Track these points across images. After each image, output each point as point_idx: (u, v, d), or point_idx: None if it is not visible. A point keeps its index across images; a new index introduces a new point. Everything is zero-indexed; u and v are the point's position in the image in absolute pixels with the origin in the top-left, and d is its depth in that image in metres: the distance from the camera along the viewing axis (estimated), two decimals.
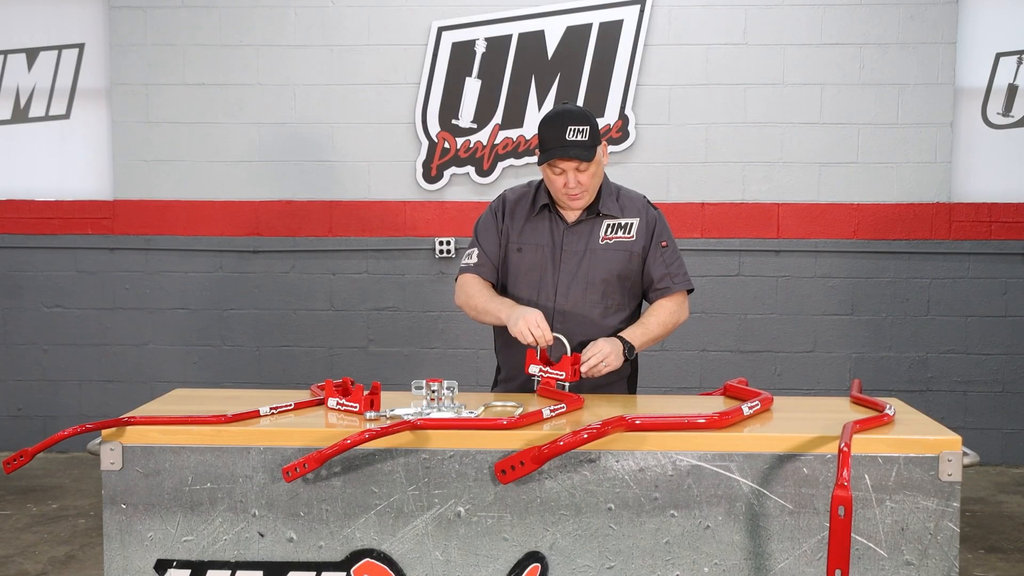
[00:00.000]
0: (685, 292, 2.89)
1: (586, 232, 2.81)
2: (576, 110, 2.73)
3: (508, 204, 2.88)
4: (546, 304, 2.79)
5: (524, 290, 2.83)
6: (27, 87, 5.41)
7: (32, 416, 5.49)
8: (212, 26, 5.28)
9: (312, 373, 5.30)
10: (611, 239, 2.81)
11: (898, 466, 2.10)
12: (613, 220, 2.82)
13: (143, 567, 2.17)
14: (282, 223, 5.35)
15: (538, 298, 2.81)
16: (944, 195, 5.22)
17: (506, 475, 2.04)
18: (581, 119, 2.68)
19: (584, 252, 2.79)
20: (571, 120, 2.67)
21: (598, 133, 2.71)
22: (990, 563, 3.92)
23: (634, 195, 2.90)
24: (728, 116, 5.22)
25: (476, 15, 5.21)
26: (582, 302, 2.79)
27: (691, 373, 5.34)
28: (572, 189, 2.71)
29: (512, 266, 2.84)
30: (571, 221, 2.82)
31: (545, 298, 2.80)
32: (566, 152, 2.65)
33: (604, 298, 2.81)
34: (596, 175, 2.74)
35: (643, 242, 2.83)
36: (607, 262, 2.80)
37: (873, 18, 5.16)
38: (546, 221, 2.83)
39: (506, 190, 2.96)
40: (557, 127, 2.67)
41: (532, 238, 2.83)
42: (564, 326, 2.77)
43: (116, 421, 2.18)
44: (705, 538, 2.13)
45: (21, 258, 5.44)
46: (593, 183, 2.75)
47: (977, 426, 5.29)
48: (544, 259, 2.81)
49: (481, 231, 2.90)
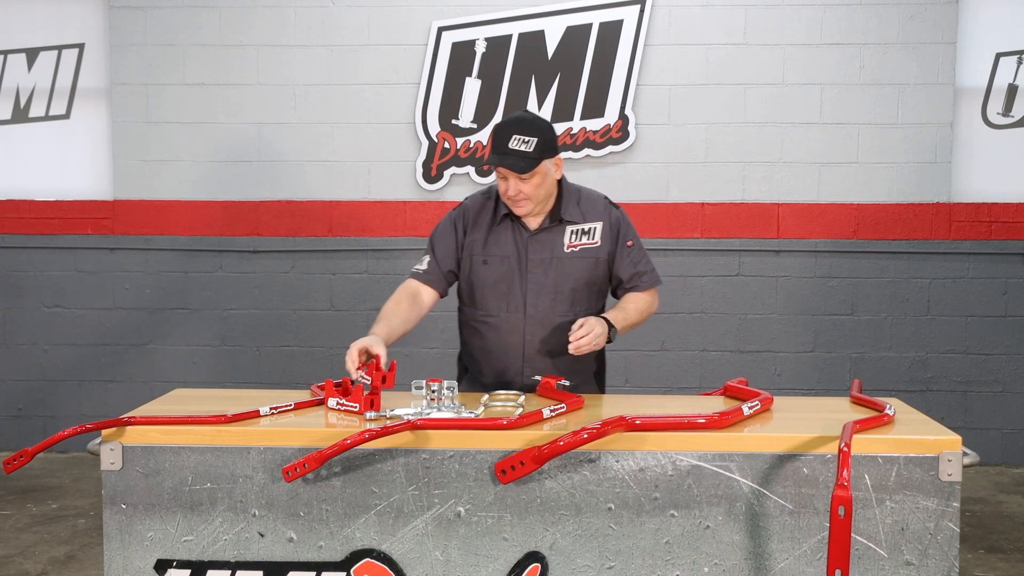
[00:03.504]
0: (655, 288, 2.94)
1: (550, 240, 2.80)
2: (529, 119, 2.70)
3: (470, 214, 2.84)
4: (516, 315, 2.79)
5: (493, 302, 2.82)
6: (27, 87, 5.41)
7: (32, 416, 5.49)
8: (212, 26, 5.28)
9: (312, 373, 5.29)
10: (576, 246, 2.80)
11: (898, 466, 2.10)
12: (576, 226, 2.80)
13: (143, 567, 2.17)
14: (282, 223, 5.35)
15: (507, 309, 2.80)
16: (944, 195, 5.22)
17: (506, 475, 2.04)
18: (530, 129, 2.65)
19: (551, 261, 2.79)
20: (519, 129, 2.65)
21: (549, 146, 2.69)
22: (990, 563, 3.92)
23: (595, 197, 2.88)
24: (728, 116, 5.22)
25: (476, 15, 5.21)
26: (551, 312, 2.80)
27: (691, 373, 5.33)
28: (512, 196, 2.70)
29: (479, 278, 2.82)
30: (533, 228, 2.80)
31: (514, 309, 2.80)
32: (502, 161, 2.64)
33: (574, 306, 2.82)
34: (542, 186, 2.71)
35: (608, 247, 2.84)
36: (575, 271, 2.80)
37: (873, 18, 5.16)
38: (509, 230, 2.80)
39: (466, 199, 2.91)
40: (503, 134, 2.66)
41: (496, 249, 2.80)
42: (535, 336, 2.79)
43: (116, 421, 2.18)
44: (705, 538, 2.13)
45: (21, 258, 5.44)
46: (538, 193, 2.71)
47: (977, 426, 5.29)
48: (510, 270, 2.79)
49: (437, 239, 2.86)
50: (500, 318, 2.80)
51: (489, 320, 2.82)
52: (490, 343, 2.83)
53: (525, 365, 2.81)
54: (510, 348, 2.81)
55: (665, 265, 5.29)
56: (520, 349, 2.80)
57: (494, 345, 2.83)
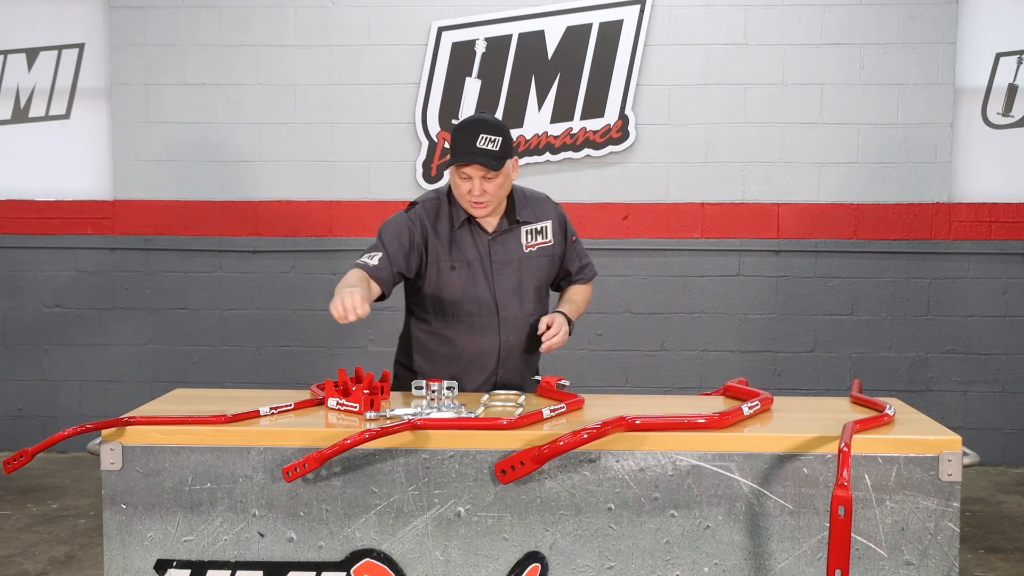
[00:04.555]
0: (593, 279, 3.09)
1: (510, 242, 2.83)
2: (491, 120, 2.72)
3: (428, 223, 2.78)
4: (490, 318, 2.80)
5: (465, 307, 2.80)
6: (27, 87, 5.41)
7: (32, 416, 5.49)
8: (212, 26, 5.28)
9: (312, 373, 5.29)
10: (534, 246, 2.86)
11: (898, 466, 2.10)
12: (530, 226, 2.86)
13: (143, 567, 2.17)
14: (282, 223, 5.35)
15: (480, 313, 2.79)
16: (944, 195, 5.22)
17: (506, 475, 2.04)
18: (494, 129, 2.67)
19: (514, 262, 2.82)
20: (484, 129, 2.66)
21: (511, 147, 2.72)
22: (990, 563, 3.92)
23: (539, 196, 2.96)
24: (728, 116, 5.22)
25: (476, 15, 5.21)
26: (520, 312, 2.83)
27: (691, 373, 5.33)
28: (476, 196, 2.69)
29: (448, 284, 2.78)
30: (492, 231, 2.81)
31: (488, 312, 2.80)
32: (474, 158, 2.64)
33: (537, 304, 2.88)
34: (503, 187, 2.74)
35: (560, 244, 2.92)
36: (537, 270, 2.87)
37: (873, 18, 5.16)
38: (469, 235, 2.79)
39: (417, 206, 2.83)
40: (469, 133, 2.66)
41: (461, 255, 2.79)
42: (509, 337, 2.82)
43: (116, 421, 2.18)
44: (705, 538, 2.13)
45: (21, 258, 5.44)
46: (499, 194, 2.74)
47: (977, 426, 5.29)
48: (476, 274, 2.79)
49: (389, 237, 2.76)
50: (474, 322, 2.79)
51: (461, 326, 2.80)
52: (462, 349, 2.81)
53: (500, 367, 2.83)
54: (486, 352, 2.81)
55: (665, 265, 5.31)
56: (496, 352, 2.82)
57: (466, 351, 2.81)
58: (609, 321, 5.31)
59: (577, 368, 5.25)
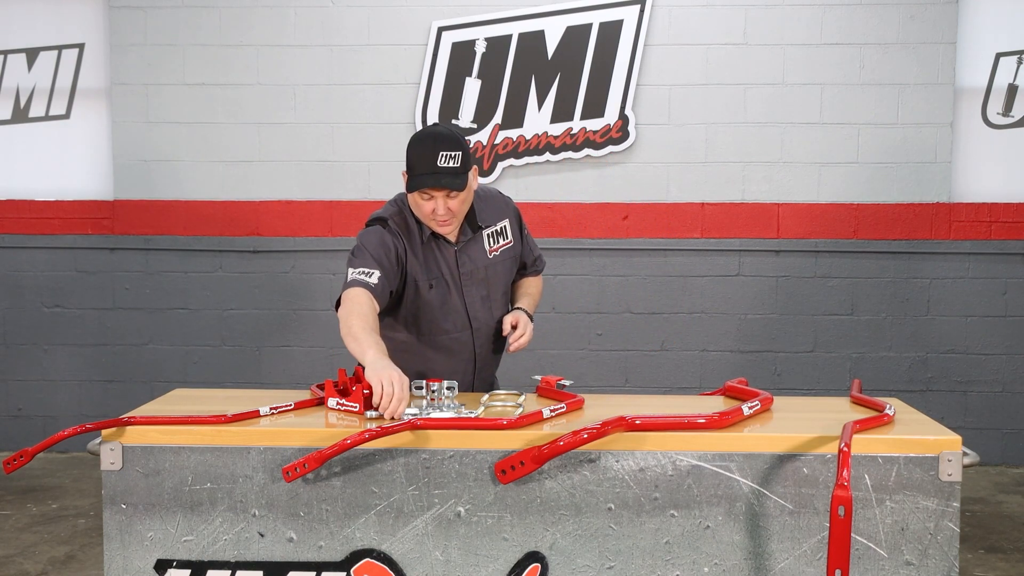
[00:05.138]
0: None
1: (475, 250, 2.75)
2: (447, 133, 2.58)
3: (401, 238, 2.67)
4: (464, 332, 2.77)
5: (442, 323, 2.75)
6: (27, 87, 5.41)
7: (32, 416, 5.49)
8: (212, 26, 5.28)
9: (312, 373, 5.29)
10: (497, 250, 2.80)
11: (898, 466, 2.10)
12: (491, 228, 2.80)
13: (143, 567, 2.17)
14: (282, 223, 5.35)
15: (456, 328, 2.76)
16: (944, 195, 5.22)
17: (506, 475, 2.04)
18: (453, 144, 2.54)
19: (481, 270, 2.76)
20: (443, 145, 2.53)
21: (469, 157, 2.60)
22: (990, 563, 3.92)
23: (492, 193, 2.86)
24: (728, 116, 5.22)
25: (476, 15, 5.21)
26: (490, 319, 2.82)
27: (691, 373, 5.33)
28: (441, 216, 2.59)
29: (425, 303, 2.71)
30: (456, 242, 2.72)
31: (462, 327, 2.77)
32: (438, 181, 2.53)
33: (503, 308, 2.87)
34: (466, 201, 2.64)
35: (518, 242, 2.88)
36: (502, 274, 2.83)
37: (873, 18, 5.16)
38: (436, 249, 2.71)
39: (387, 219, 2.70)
40: (428, 151, 2.53)
41: (435, 271, 2.71)
42: (483, 348, 2.81)
43: (116, 421, 2.18)
44: (705, 538, 2.13)
45: (21, 258, 5.44)
46: (463, 208, 2.64)
47: (977, 426, 5.29)
48: (450, 289, 2.73)
49: (379, 250, 2.63)
50: (451, 338, 2.77)
51: (438, 342, 2.77)
52: (440, 365, 2.77)
53: (476, 379, 2.84)
54: (462, 365, 2.80)
55: (665, 265, 5.31)
56: (472, 364, 2.82)
57: (444, 366, 2.78)
58: (609, 321, 5.31)
59: (577, 368, 5.25)
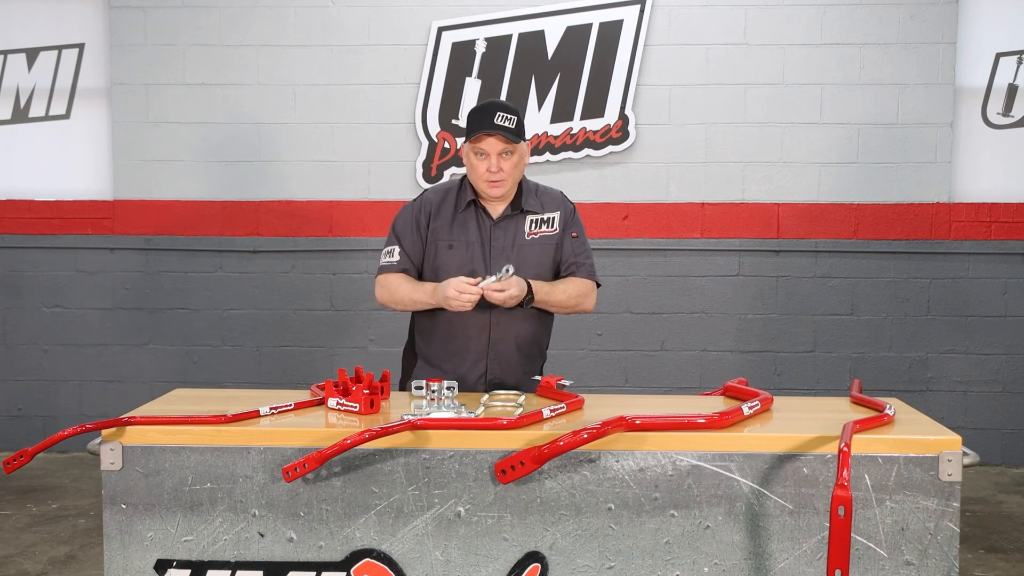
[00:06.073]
0: (594, 283, 2.96)
1: (512, 228, 2.87)
2: (505, 103, 2.83)
3: (433, 204, 2.90)
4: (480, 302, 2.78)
5: None
6: (27, 87, 5.41)
7: (32, 416, 5.49)
8: (212, 26, 5.28)
9: (312, 373, 5.29)
10: (536, 234, 2.89)
11: (898, 466, 2.10)
12: (536, 215, 2.89)
13: (143, 567, 2.17)
14: (282, 223, 5.35)
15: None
16: (944, 195, 5.22)
17: (506, 475, 2.04)
18: (510, 110, 2.78)
19: (512, 248, 2.86)
20: (501, 108, 2.77)
21: (524, 129, 2.82)
22: (990, 563, 3.92)
23: (552, 191, 2.99)
24: (728, 116, 5.22)
25: (476, 15, 5.21)
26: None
27: (691, 373, 5.33)
28: (494, 174, 2.76)
29: (443, 263, 2.86)
30: (496, 217, 2.87)
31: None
32: (493, 130, 2.72)
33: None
34: (518, 167, 2.81)
35: (561, 234, 2.93)
36: (536, 256, 2.88)
37: (873, 18, 5.16)
38: (473, 218, 2.88)
39: (427, 190, 2.99)
40: (486, 113, 2.76)
41: (461, 235, 2.86)
42: (500, 321, 2.83)
43: (116, 421, 2.18)
44: (705, 538, 2.13)
45: (21, 258, 5.44)
46: (515, 174, 2.81)
47: (977, 426, 5.29)
48: (474, 255, 2.85)
49: (401, 230, 2.91)
50: None
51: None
52: (456, 328, 2.85)
53: (490, 350, 2.86)
54: (476, 332, 2.84)
55: (665, 265, 5.31)
56: (487, 334, 2.85)
57: (460, 330, 2.85)
58: (609, 321, 5.31)
59: (577, 368, 5.25)
